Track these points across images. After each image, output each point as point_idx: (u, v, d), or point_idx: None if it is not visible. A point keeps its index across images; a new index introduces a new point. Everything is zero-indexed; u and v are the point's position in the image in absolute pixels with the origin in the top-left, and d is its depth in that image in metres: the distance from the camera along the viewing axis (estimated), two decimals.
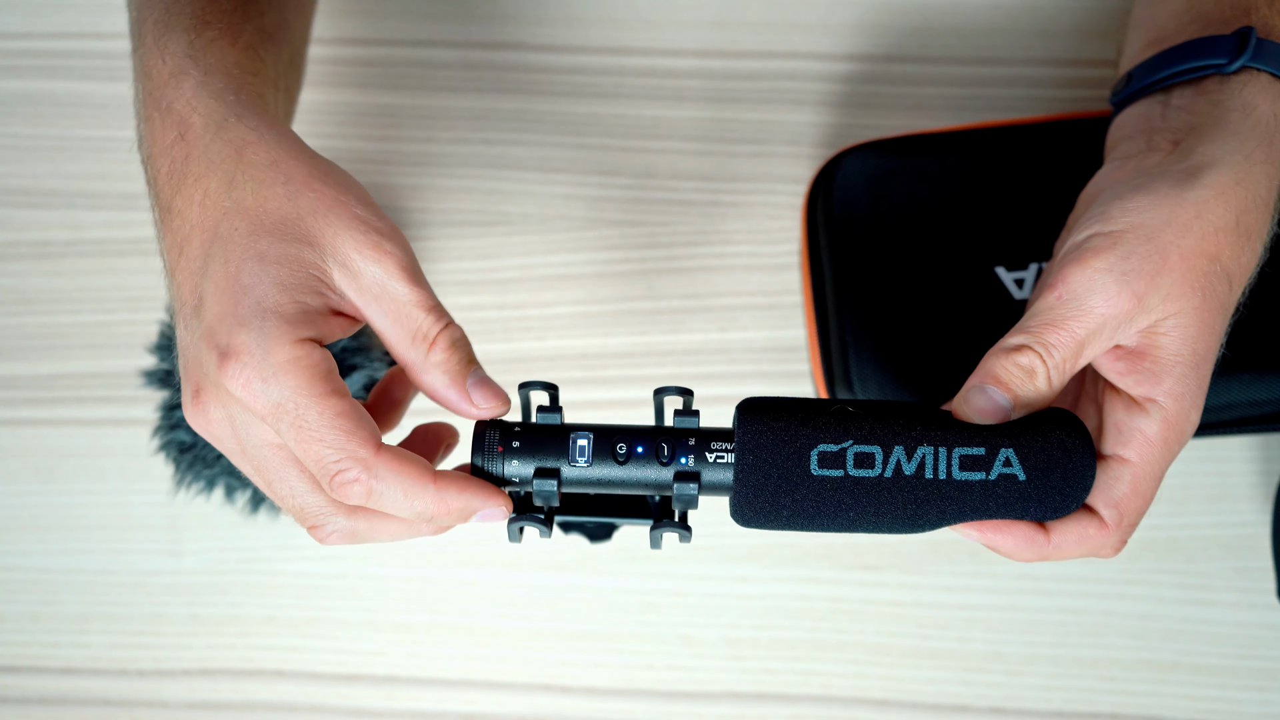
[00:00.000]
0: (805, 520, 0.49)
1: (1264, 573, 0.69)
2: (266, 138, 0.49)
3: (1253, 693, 0.69)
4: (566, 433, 0.49)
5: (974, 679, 0.70)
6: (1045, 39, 0.75)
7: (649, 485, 0.49)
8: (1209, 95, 0.54)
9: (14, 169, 0.76)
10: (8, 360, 0.74)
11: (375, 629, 0.71)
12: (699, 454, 0.49)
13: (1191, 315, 0.49)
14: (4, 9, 0.78)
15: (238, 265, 0.47)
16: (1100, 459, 0.51)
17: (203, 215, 0.49)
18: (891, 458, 0.48)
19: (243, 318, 0.46)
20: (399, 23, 0.77)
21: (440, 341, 0.49)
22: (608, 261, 0.74)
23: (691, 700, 0.70)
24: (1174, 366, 0.49)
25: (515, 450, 0.49)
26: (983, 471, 0.48)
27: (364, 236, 0.48)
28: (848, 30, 0.76)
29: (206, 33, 0.53)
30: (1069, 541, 0.50)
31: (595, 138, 0.75)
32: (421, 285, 0.48)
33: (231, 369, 0.46)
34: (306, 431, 0.46)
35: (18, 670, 0.71)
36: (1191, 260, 0.49)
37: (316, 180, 0.48)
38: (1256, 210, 0.51)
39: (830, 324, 0.66)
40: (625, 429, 0.49)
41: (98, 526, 0.72)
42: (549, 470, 0.49)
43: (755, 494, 0.48)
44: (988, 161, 0.66)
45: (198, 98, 0.50)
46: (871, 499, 0.48)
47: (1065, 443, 0.49)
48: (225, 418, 0.48)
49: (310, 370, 0.46)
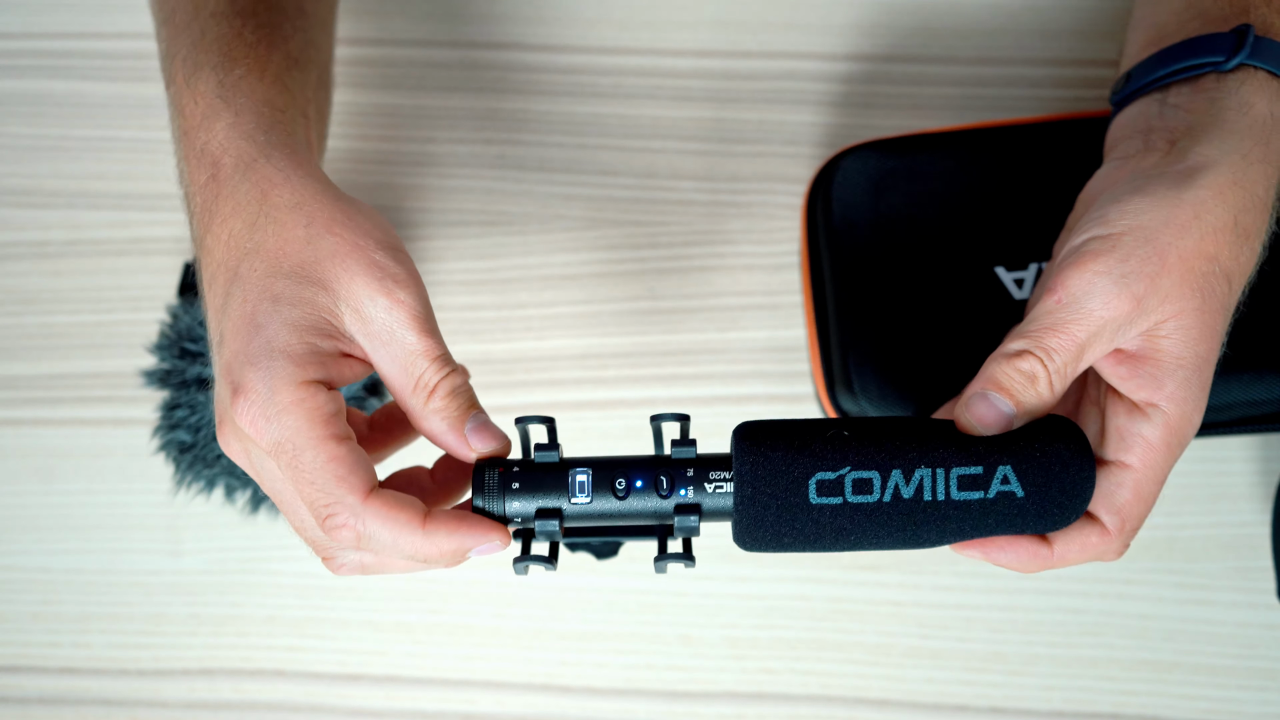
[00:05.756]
0: (807, 544, 0.49)
1: (1264, 573, 0.69)
2: (292, 179, 0.50)
3: (1253, 693, 0.69)
4: (565, 469, 0.49)
5: (974, 679, 0.70)
6: (1045, 39, 0.75)
7: (650, 517, 0.49)
8: (1206, 93, 0.54)
9: (14, 169, 0.76)
10: (8, 360, 0.74)
11: (375, 629, 0.71)
12: (698, 484, 0.49)
13: (1192, 317, 0.49)
14: (4, 9, 0.78)
15: (254, 305, 0.48)
16: (1102, 464, 0.51)
17: (227, 255, 0.50)
18: (890, 482, 0.48)
19: (253, 356, 0.48)
20: (399, 23, 0.77)
21: (440, 389, 0.49)
22: (608, 261, 0.74)
23: (691, 700, 0.70)
24: (1176, 370, 0.49)
25: (515, 491, 0.49)
26: (981, 490, 0.48)
27: (378, 283, 0.48)
28: (848, 30, 0.76)
29: (235, 70, 0.54)
30: (1072, 551, 0.50)
31: (595, 138, 0.75)
32: (429, 335, 0.49)
33: (240, 405, 0.48)
34: (301, 473, 0.47)
35: (18, 670, 0.71)
36: (1190, 261, 0.49)
37: (338, 224, 0.49)
38: (1254, 210, 0.50)
39: (830, 324, 0.66)
40: (623, 461, 0.50)
41: (98, 526, 0.72)
42: (550, 510, 0.49)
43: (756, 524, 0.48)
44: (988, 161, 0.66)
45: (229, 139, 0.51)
46: (871, 523, 0.48)
47: (1064, 456, 0.48)
48: (242, 450, 0.50)
49: (311, 413, 0.47)
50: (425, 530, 0.48)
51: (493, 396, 0.72)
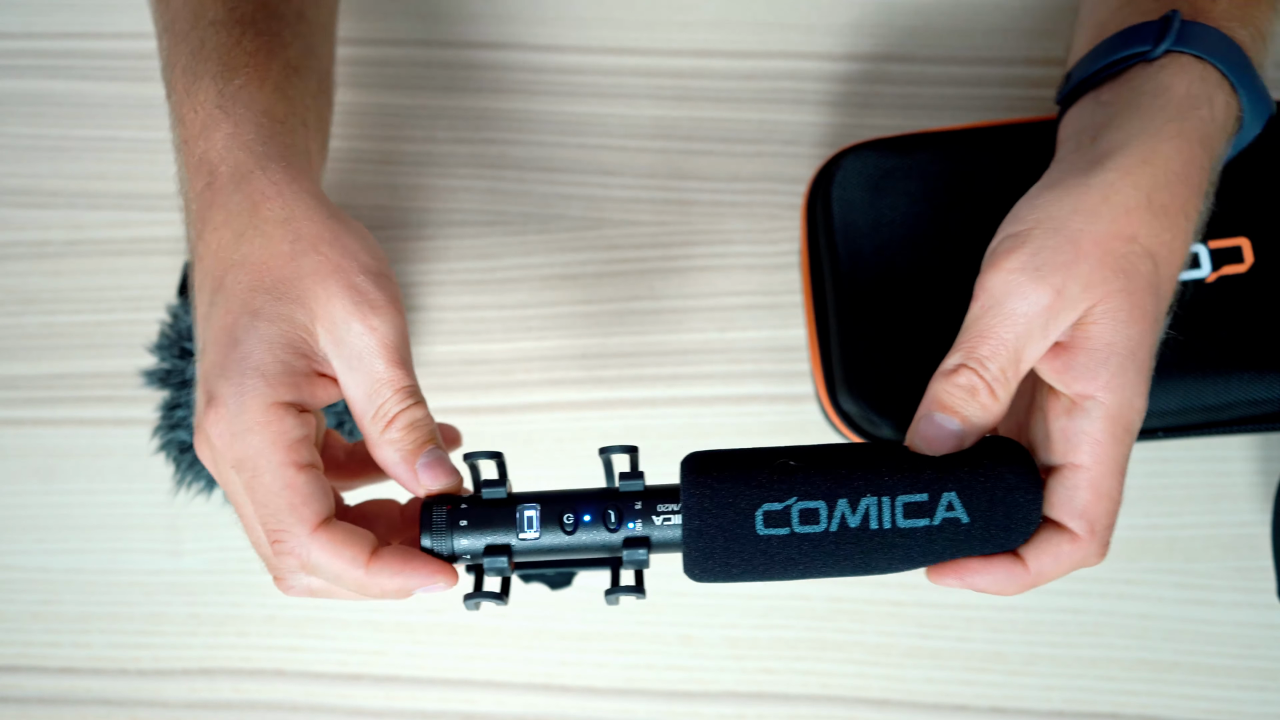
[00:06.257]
0: (757, 575, 0.49)
1: (1264, 572, 0.69)
2: (285, 193, 0.50)
3: (1252, 692, 0.69)
4: (513, 505, 0.50)
5: (974, 679, 0.70)
6: (1044, 39, 0.75)
7: (599, 550, 0.50)
8: (1130, 84, 0.53)
9: (14, 169, 0.76)
10: (8, 360, 0.74)
11: (375, 629, 0.71)
12: (646, 517, 0.49)
13: (1118, 299, 0.48)
14: (4, 9, 0.78)
15: (234, 318, 0.49)
16: (1054, 470, 0.50)
17: (214, 264, 0.50)
18: (836, 512, 0.48)
19: (228, 370, 0.48)
20: (399, 23, 0.77)
21: (398, 421, 0.49)
22: (608, 261, 0.74)
23: (691, 700, 0.70)
24: (1108, 357, 0.48)
25: (463, 529, 0.50)
26: (927, 518, 0.48)
27: (355, 307, 0.48)
28: (848, 30, 0.76)
29: (234, 80, 0.53)
30: (1047, 564, 0.49)
31: (595, 138, 0.75)
32: (399, 365, 0.49)
33: (210, 416, 0.48)
34: (257, 494, 0.48)
35: (18, 670, 0.71)
36: (1106, 244, 0.48)
37: (324, 243, 0.49)
38: (1170, 186, 0.49)
39: (830, 323, 0.66)
40: (571, 496, 0.50)
41: (98, 526, 0.72)
42: (499, 547, 0.49)
43: (705, 556, 0.49)
44: (988, 161, 0.66)
45: (228, 150, 0.51)
46: (820, 553, 0.48)
47: (1008, 481, 0.48)
48: (211, 458, 0.50)
49: (276, 437, 0.47)
50: (369, 568, 0.48)
51: (493, 396, 0.72)
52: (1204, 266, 0.64)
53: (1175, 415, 0.63)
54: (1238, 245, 0.64)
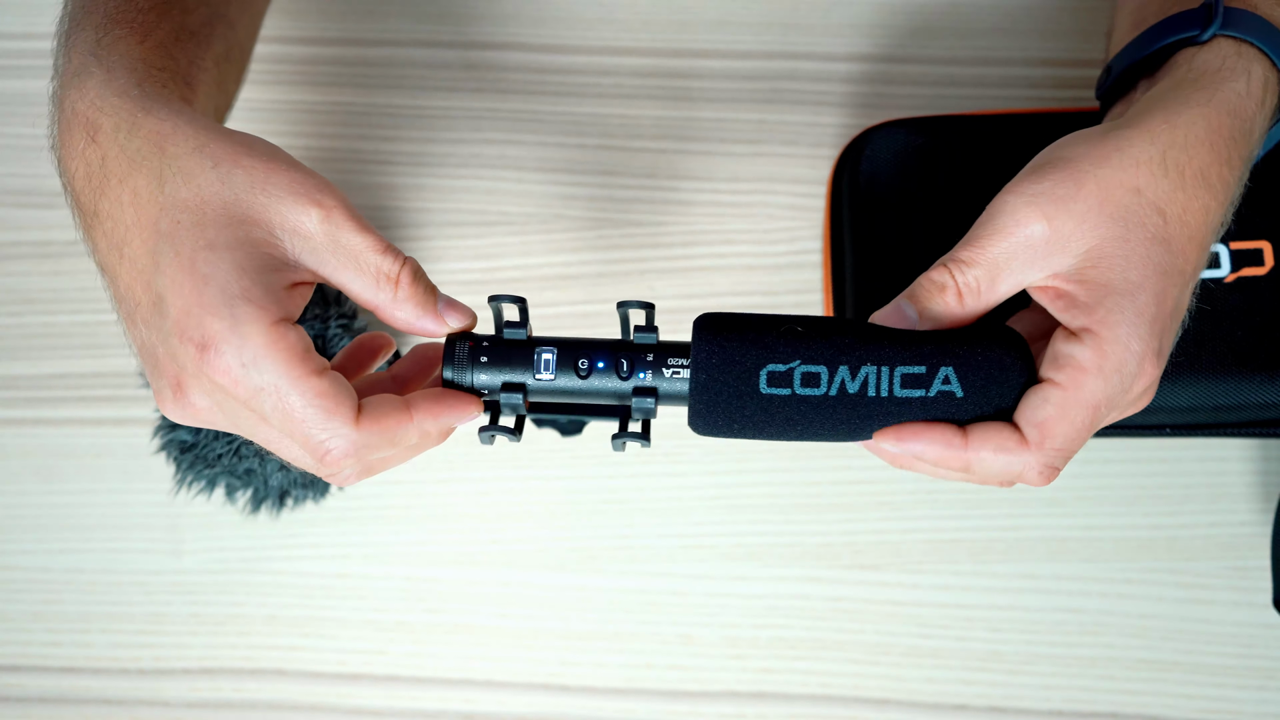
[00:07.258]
0: (757, 432, 0.51)
1: (1263, 572, 0.69)
2: (181, 126, 0.49)
3: (1252, 692, 0.69)
4: (532, 347, 0.51)
5: (973, 678, 0.70)
6: (1045, 39, 0.75)
7: (609, 397, 0.52)
8: (1172, 73, 0.54)
9: (15, 169, 0.76)
10: (8, 360, 0.74)
11: (376, 628, 0.71)
12: (656, 369, 0.51)
13: (1114, 245, 0.49)
14: (4, 9, 0.78)
15: (190, 258, 0.47)
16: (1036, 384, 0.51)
17: (138, 215, 0.48)
18: (836, 377, 0.50)
19: (210, 307, 0.47)
20: (399, 23, 0.77)
21: (403, 278, 0.50)
22: (608, 261, 0.74)
23: (691, 700, 0.70)
24: (1105, 295, 0.49)
25: (483, 364, 0.51)
26: (923, 389, 0.50)
27: (305, 197, 0.48)
28: (848, 30, 0.76)
29: (114, 30, 0.52)
30: (986, 453, 0.50)
31: (595, 138, 0.75)
32: (369, 230, 0.49)
33: (210, 358, 0.47)
34: (290, 415, 0.47)
35: (19, 669, 0.71)
36: (1109, 190, 0.49)
37: (243, 155, 0.48)
38: (1189, 148, 0.50)
39: (847, 295, 0.66)
40: (588, 343, 0.52)
41: (98, 526, 0.72)
42: (515, 384, 0.51)
43: (709, 409, 0.50)
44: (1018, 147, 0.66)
45: (102, 97, 0.50)
46: (817, 415, 0.50)
47: (1004, 361, 0.50)
48: (213, 405, 0.49)
49: (288, 352, 0.47)
50: (415, 419, 0.49)
51: None
52: (1224, 266, 0.64)
53: (1184, 413, 0.63)
54: (1259, 248, 0.64)
